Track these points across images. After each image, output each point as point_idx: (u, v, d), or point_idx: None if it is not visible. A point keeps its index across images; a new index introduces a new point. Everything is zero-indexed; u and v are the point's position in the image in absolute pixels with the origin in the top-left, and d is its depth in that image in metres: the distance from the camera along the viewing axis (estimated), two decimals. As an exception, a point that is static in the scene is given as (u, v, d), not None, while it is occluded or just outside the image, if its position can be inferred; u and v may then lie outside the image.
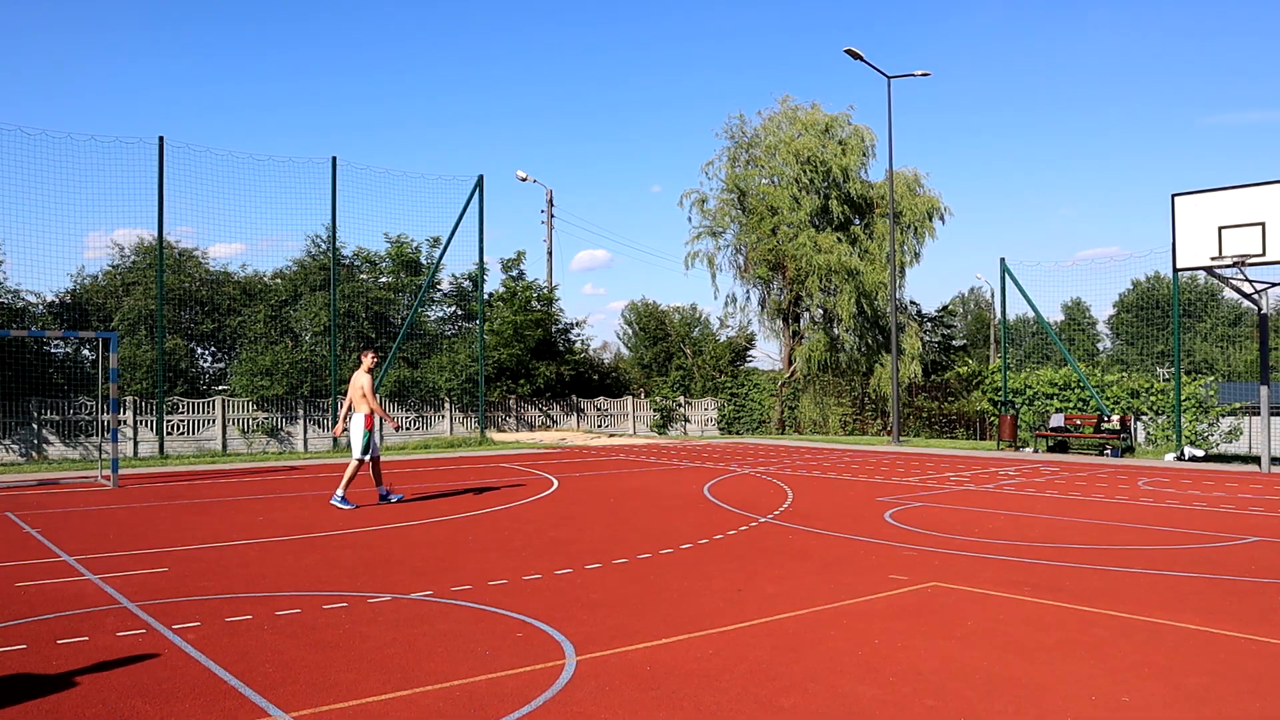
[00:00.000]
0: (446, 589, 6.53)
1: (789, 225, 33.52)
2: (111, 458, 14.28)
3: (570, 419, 29.57)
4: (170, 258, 23.62)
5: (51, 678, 4.56)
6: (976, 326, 72.82)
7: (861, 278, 32.26)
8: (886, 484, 13.57)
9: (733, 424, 32.88)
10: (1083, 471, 15.74)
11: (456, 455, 20.15)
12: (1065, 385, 23.56)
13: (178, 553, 8.08)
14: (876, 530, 9.15)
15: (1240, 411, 21.98)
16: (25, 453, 19.80)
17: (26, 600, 6.27)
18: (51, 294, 22.59)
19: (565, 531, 9.19)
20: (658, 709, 4.11)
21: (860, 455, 19.62)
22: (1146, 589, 6.52)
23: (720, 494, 12.29)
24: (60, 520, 10.24)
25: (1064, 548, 8.23)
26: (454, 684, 4.45)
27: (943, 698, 4.26)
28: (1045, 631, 5.40)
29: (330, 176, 22.54)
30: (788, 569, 7.24)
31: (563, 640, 5.19)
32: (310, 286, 25.36)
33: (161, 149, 20.23)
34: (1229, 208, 15.22)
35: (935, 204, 34.03)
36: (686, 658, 4.88)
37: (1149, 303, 49.81)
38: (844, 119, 34.32)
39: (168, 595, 6.38)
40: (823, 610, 5.91)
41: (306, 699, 4.24)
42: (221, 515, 10.57)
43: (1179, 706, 4.15)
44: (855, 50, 23.48)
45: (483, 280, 26.15)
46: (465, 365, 25.75)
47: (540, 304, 30.59)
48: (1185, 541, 8.59)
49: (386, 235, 27.48)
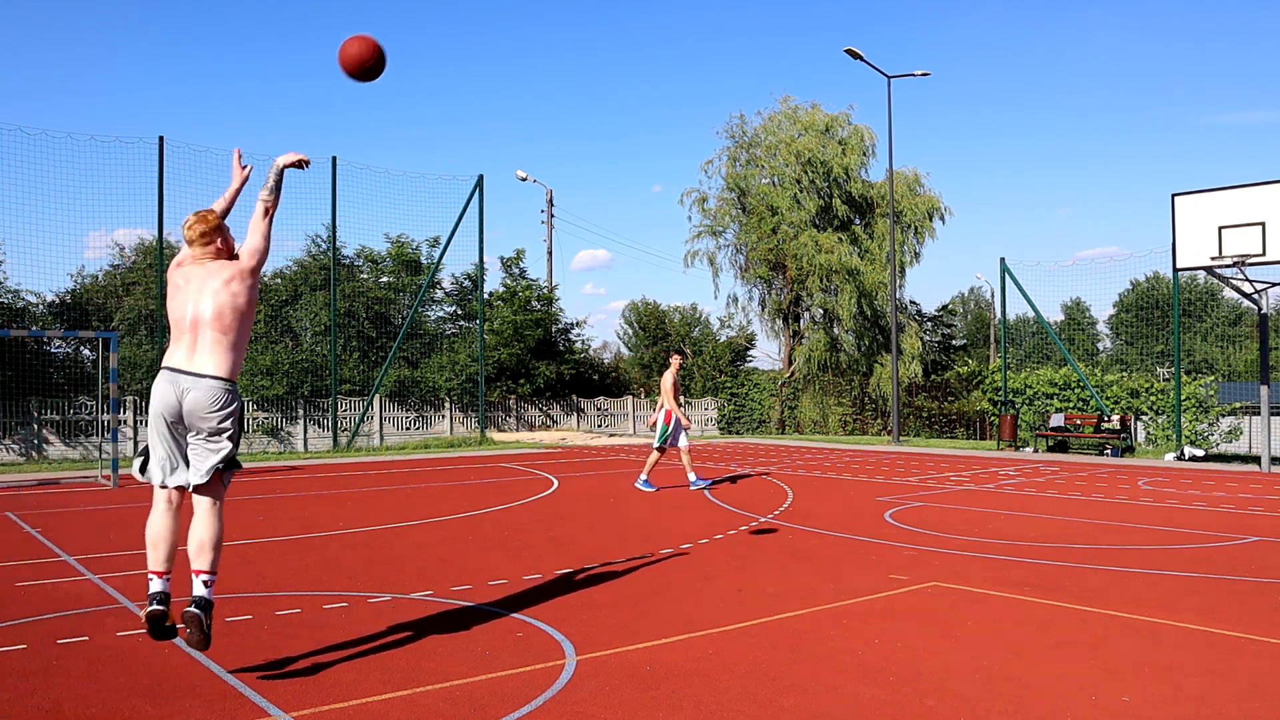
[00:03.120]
0: (446, 589, 6.53)
1: (789, 225, 33.52)
2: (111, 457, 14.28)
3: (570, 419, 29.57)
4: (170, 258, 23.62)
5: (51, 678, 4.56)
6: (976, 326, 72.83)
7: (862, 277, 32.26)
8: (886, 484, 13.57)
9: (733, 424, 32.89)
10: (1083, 471, 15.74)
11: (456, 455, 20.15)
12: (1065, 385, 23.56)
13: (177, 553, 8.07)
14: (876, 530, 9.15)
15: (1240, 411, 21.98)
16: (25, 453, 19.80)
17: (26, 600, 6.27)
18: (51, 294, 22.61)
19: (565, 531, 9.19)
20: (658, 709, 4.11)
21: (860, 455, 19.62)
22: (1146, 589, 6.52)
23: (720, 494, 12.29)
24: (60, 520, 10.24)
25: (1064, 548, 8.23)
26: (454, 684, 4.45)
27: (943, 698, 4.26)
28: (1045, 631, 5.40)
29: (330, 176, 22.56)
30: (788, 569, 7.24)
31: (563, 640, 5.19)
32: (310, 286, 25.37)
33: (161, 149, 20.23)
34: (1229, 208, 15.22)
35: (935, 204, 34.04)
36: (686, 658, 4.88)
37: (1149, 303, 49.79)
38: (844, 119, 34.33)
39: (168, 595, 6.37)
40: (823, 610, 5.91)
41: (306, 699, 4.24)
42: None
43: (1179, 706, 4.15)
44: (855, 50, 23.49)
45: (483, 280, 26.16)
46: (465, 365, 25.75)
47: (540, 304, 30.58)
48: (1185, 541, 8.59)
49: (387, 235, 27.53)
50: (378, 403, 24.33)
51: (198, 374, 4.48)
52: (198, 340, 4.53)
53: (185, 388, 4.46)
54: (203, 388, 4.46)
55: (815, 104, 34.61)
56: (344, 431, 23.41)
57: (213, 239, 4.71)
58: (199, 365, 4.49)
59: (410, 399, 25.35)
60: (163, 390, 4.48)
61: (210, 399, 4.46)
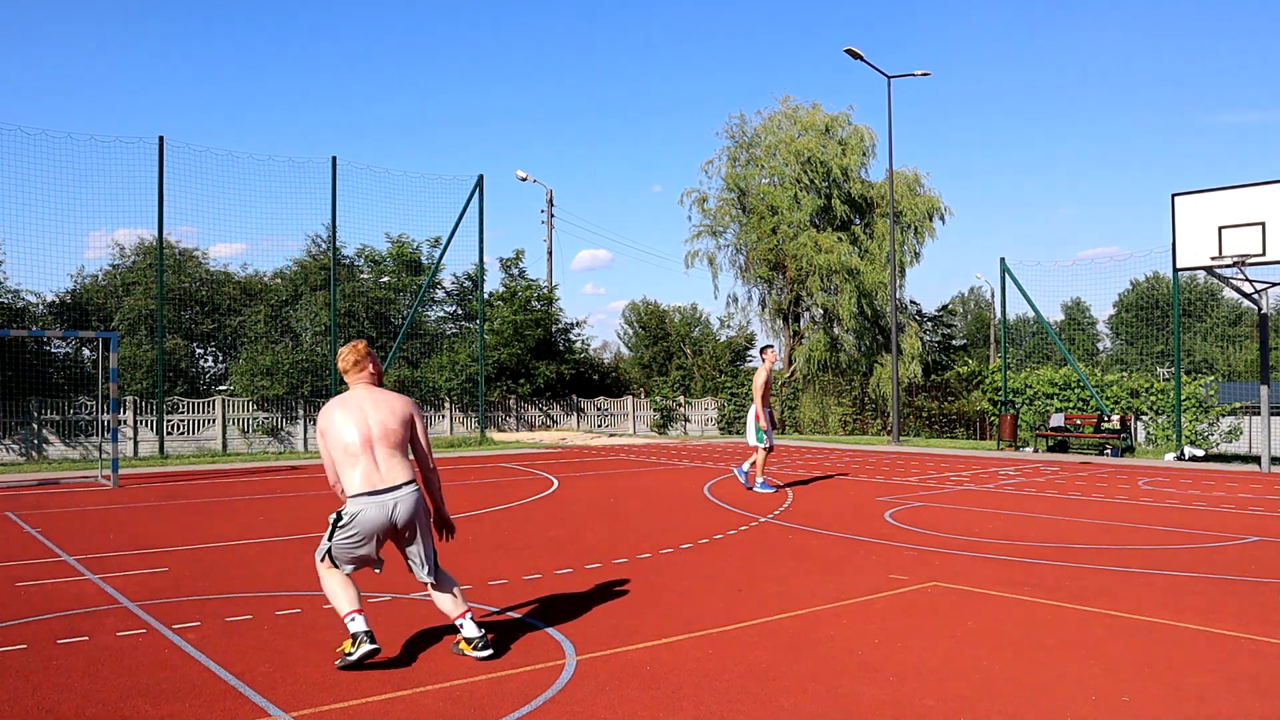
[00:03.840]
0: (446, 589, 6.52)
1: (789, 225, 33.52)
2: (111, 458, 14.28)
3: (570, 419, 29.56)
4: (170, 258, 23.63)
5: (51, 678, 4.56)
6: (976, 326, 72.85)
7: (862, 277, 32.26)
8: (886, 484, 13.57)
9: (733, 424, 32.88)
10: (1083, 471, 15.74)
11: (456, 455, 20.15)
12: (1065, 385, 23.56)
13: (178, 553, 8.08)
14: (876, 530, 9.15)
15: (1240, 411, 21.97)
16: (25, 453, 19.80)
17: (27, 600, 6.27)
18: (52, 294, 22.64)
19: (565, 531, 9.19)
20: (658, 709, 4.11)
21: (860, 455, 19.62)
22: (1146, 589, 6.52)
23: (720, 494, 12.29)
24: (60, 520, 10.24)
25: (1064, 547, 8.23)
26: (454, 684, 4.45)
27: (943, 698, 4.26)
28: (1045, 631, 5.40)
29: (330, 176, 22.56)
30: (788, 569, 7.24)
31: (563, 640, 5.19)
32: (310, 286, 25.37)
33: (161, 149, 20.23)
34: (1229, 208, 15.21)
35: (935, 204, 34.05)
36: (686, 658, 4.88)
37: (1149, 303, 49.82)
38: (844, 119, 34.34)
39: (168, 595, 6.38)
40: (823, 610, 5.91)
41: (306, 699, 4.24)
42: (221, 515, 10.57)
43: (1179, 706, 4.15)
44: (855, 50, 23.49)
45: (483, 280, 26.16)
46: (465, 365, 25.74)
47: (540, 303, 30.58)
48: (1185, 541, 8.59)
49: (388, 235, 27.54)
50: (378, 403, 24.29)
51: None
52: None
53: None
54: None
55: (815, 104, 34.65)
56: (344, 431, 23.37)
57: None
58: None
59: (410, 399, 25.33)
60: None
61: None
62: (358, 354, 4.97)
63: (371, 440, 4.76)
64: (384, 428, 4.79)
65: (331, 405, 4.88)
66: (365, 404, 4.85)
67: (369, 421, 4.78)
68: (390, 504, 4.73)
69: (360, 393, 4.91)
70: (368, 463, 4.72)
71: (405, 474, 4.80)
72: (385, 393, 4.96)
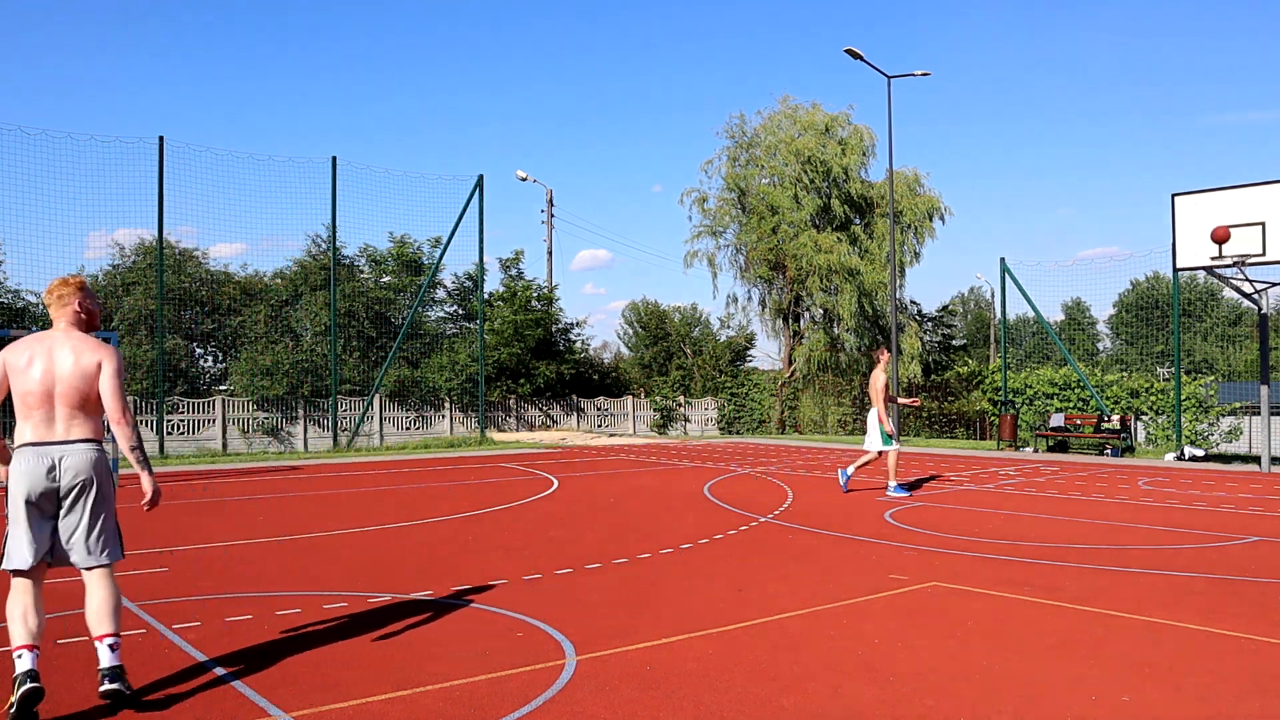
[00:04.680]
0: (446, 589, 6.53)
1: (789, 225, 33.52)
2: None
3: (570, 419, 29.56)
4: (170, 258, 23.62)
5: (51, 678, 4.55)
6: (976, 326, 72.88)
7: (862, 277, 32.26)
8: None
9: (733, 424, 32.88)
10: (1083, 471, 15.74)
11: (456, 455, 20.15)
12: (1065, 385, 23.56)
13: (178, 553, 8.08)
14: (876, 530, 9.14)
15: (1240, 411, 21.97)
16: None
17: (26, 600, 6.27)
18: (52, 294, 22.57)
19: (565, 531, 9.19)
20: (658, 709, 4.11)
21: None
22: (1146, 589, 6.52)
23: (720, 494, 12.29)
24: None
25: (1064, 548, 8.23)
26: (454, 684, 4.45)
27: (943, 698, 4.26)
28: (1045, 631, 5.40)
29: (330, 176, 22.56)
30: (788, 569, 7.24)
31: (563, 640, 5.19)
32: (310, 286, 25.36)
33: (161, 149, 20.23)
34: (1229, 208, 15.20)
35: (935, 204, 34.05)
36: (686, 658, 4.88)
37: (1149, 303, 49.81)
38: (844, 119, 34.35)
39: (168, 595, 6.38)
40: (823, 610, 5.91)
41: (306, 699, 4.24)
42: (221, 515, 10.57)
43: (1179, 706, 4.15)
44: (855, 50, 23.48)
45: (483, 280, 26.16)
46: (465, 365, 25.75)
47: (540, 303, 30.57)
48: (1185, 541, 8.59)
49: (390, 234, 27.54)
50: (378, 403, 24.33)
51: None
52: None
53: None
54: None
55: (815, 104, 34.66)
56: (344, 431, 23.42)
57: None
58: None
59: (410, 399, 25.35)
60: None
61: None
62: (66, 287, 4.38)
63: (52, 395, 4.19)
64: (67, 383, 4.20)
65: (20, 343, 4.30)
66: (55, 350, 4.25)
67: (54, 373, 4.20)
68: (55, 456, 4.15)
69: (56, 336, 4.31)
70: (42, 416, 4.18)
71: (85, 432, 4.25)
72: (83, 340, 4.32)
